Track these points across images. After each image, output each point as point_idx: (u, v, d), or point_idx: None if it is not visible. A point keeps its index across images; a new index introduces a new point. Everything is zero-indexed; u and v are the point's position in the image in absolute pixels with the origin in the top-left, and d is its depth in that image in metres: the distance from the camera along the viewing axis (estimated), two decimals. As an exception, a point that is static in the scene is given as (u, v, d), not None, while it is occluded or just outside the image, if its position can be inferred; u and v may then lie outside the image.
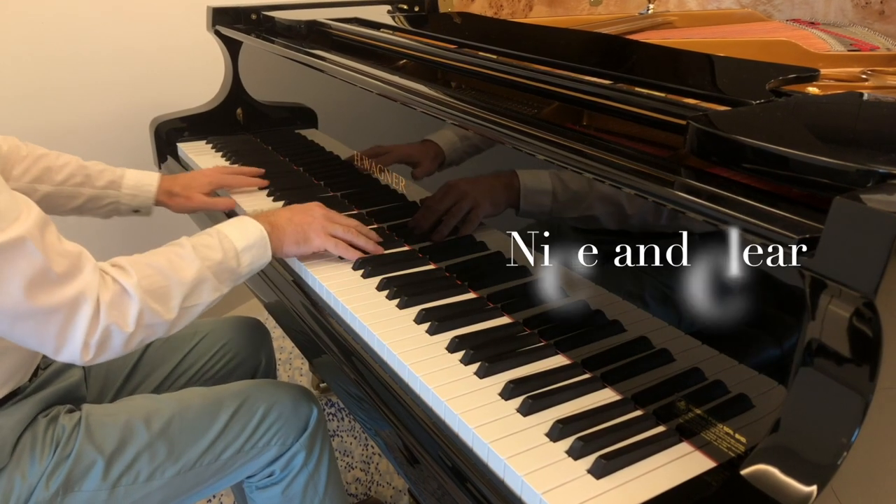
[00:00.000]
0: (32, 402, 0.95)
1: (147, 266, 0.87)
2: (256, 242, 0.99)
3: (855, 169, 0.58)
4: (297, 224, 1.06)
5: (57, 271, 0.77)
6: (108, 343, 0.83)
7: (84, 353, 0.81)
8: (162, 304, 0.87)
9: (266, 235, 1.01)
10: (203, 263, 0.92)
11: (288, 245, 1.05)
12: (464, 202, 1.01)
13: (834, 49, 1.17)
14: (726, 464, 0.69)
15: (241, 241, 0.98)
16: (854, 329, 0.55)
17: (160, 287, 0.87)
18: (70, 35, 1.80)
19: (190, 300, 0.90)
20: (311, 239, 1.06)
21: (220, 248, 0.95)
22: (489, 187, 0.97)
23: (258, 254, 0.99)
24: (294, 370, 2.15)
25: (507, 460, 0.70)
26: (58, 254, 0.78)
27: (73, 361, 0.82)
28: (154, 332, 0.87)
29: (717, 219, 0.65)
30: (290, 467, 1.08)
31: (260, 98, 1.68)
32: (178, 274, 0.89)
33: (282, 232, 1.04)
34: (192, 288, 0.90)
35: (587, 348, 0.85)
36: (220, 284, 0.94)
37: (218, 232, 0.98)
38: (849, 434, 0.56)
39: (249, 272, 0.99)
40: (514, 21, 1.70)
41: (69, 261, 0.79)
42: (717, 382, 0.71)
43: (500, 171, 0.95)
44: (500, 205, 0.96)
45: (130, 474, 0.95)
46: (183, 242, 0.94)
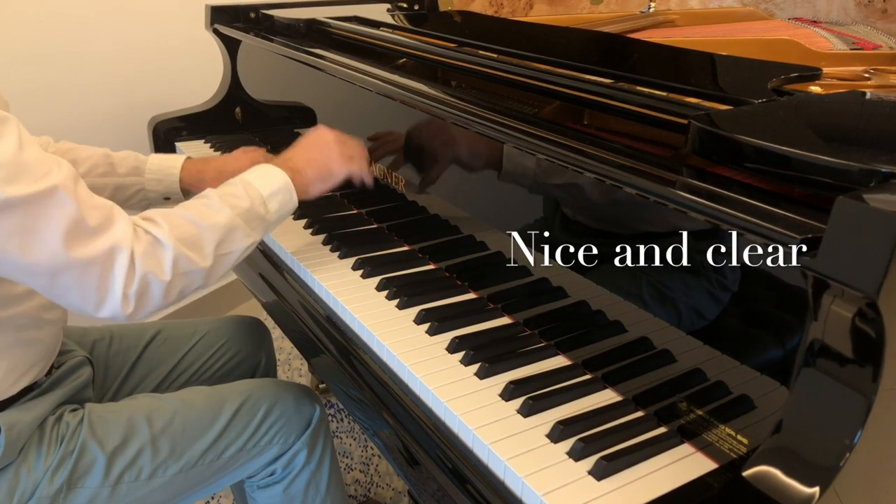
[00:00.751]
0: (48, 400, 0.95)
1: (177, 216, 0.88)
2: (281, 188, 0.99)
3: (857, 168, 0.58)
4: (314, 161, 1.06)
5: (91, 223, 0.78)
6: (147, 294, 0.83)
7: (124, 304, 0.81)
8: (196, 252, 0.88)
9: (290, 181, 1.01)
10: (233, 211, 0.93)
11: (313, 185, 1.05)
12: (443, 136, 1.01)
13: (836, 48, 1.17)
14: (728, 465, 0.69)
15: (267, 188, 0.98)
16: (857, 329, 0.55)
17: (192, 235, 0.88)
18: (67, 33, 1.80)
19: (223, 247, 0.91)
20: (333, 171, 1.06)
21: (246, 195, 0.95)
22: (473, 138, 0.98)
23: (284, 199, 1.00)
24: (293, 371, 2.15)
25: (508, 461, 0.70)
26: (90, 206, 0.79)
27: (115, 316, 0.82)
28: (191, 280, 0.88)
29: (718, 219, 0.65)
30: (292, 466, 1.09)
31: (259, 97, 1.68)
32: (209, 221, 0.90)
33: (303, 175, 1.03)
34: (224, 234, 0.91)
35: (588, 349, 0.85)
36: (251, 231, 0.95)
37: (242, 181, 0.98)
38: (851, 435, 0.56)
39: (278, 219, 1.00)
40: (515, 20, 1.70)
41: (101, 213, 0.80)
42: (718, 383, 0.71)
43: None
44: (479, 156, 0.96)
45: (132, 471, 0.95)
46: (209, 194, 0.95)
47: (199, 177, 1.24)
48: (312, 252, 1.13)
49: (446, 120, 1.01)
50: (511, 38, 1.26)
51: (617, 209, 0.79)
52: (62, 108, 1.84)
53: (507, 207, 0.97)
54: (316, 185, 1.05)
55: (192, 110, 1.74)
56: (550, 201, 0.90)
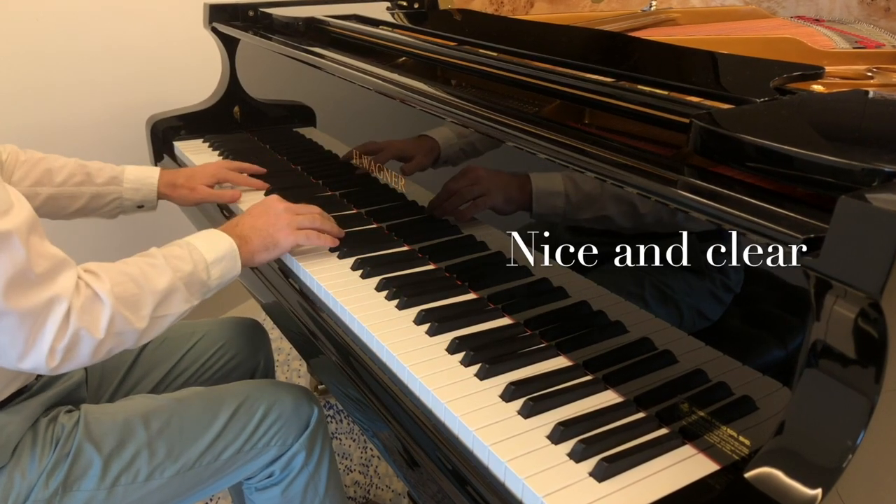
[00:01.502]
0: (37, 402, 0.95)
1: (119, 273, 0.87)
2: (226, 255, 0.99)
3: (860, 168, 0.58)
4: (261, 229, 1.05)
5: (36, 272, 0.77)
6: (76, 349, 0.82)
7: (50, 358, 0.80)
8: (133, 313, 0.86)
9: (235, 248, 1.00)
10: (175, 274, 0.92)
11: (258, 254, 1.04)
12: (478, 185, 1.01)
13: (839, 46, 1.17)
14: (730, 466, 0.69)
15: (211, 254, 0.97)
16: (859, 330, 0.55)
17: (132, 295, 0.86)
18: (65, 32, 1.80)
19: (161, 310, 0.90)
20: (279, 241, 1.05)
21: (190, 259, 0.95)
22: (505, 181, 0.97)
23: (228, 266, 0.99)
24: (292, 372, 2.15)
25: (508, 463, 0.70)
26: (40, 255, 0.78)
27: (37, 369, 0.81)
28: (123, 341, 0.87)
29: (720, 218, 0.65)
30: (290, 468, 1.09)
31: (257, 96, 1.68)
32: (150, 283, 0.89)
33: (249, 243, 1.03)
34: (163, 297, 0.90)
35: (589, 350, 0.85)
36: (190, 296, 0.94)
37: (188, 244, 0.97)
38: (854, 436, 0.56)
39: (219, 285, 0.99)
40: (515, 18, 1.70)
41: (50, 263, 0.79)
42: (720, 384, 0.71)
43: (514, 173, 0.94)
44: (512, 202, 0.95)
45: (129, 474, 0.95)
46: (153, 253, 0.94)
47: (172, 182, 1.30)
48: (311, 252, 1.13)
49: (478, 168, 1.01)
50: (511, 36, 1.27)
51: (637, 216, 0.78)
52: (60, 107, 1.84)
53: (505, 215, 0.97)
54: (261, 254, 1.05)
55: (191, 109, 1.74)
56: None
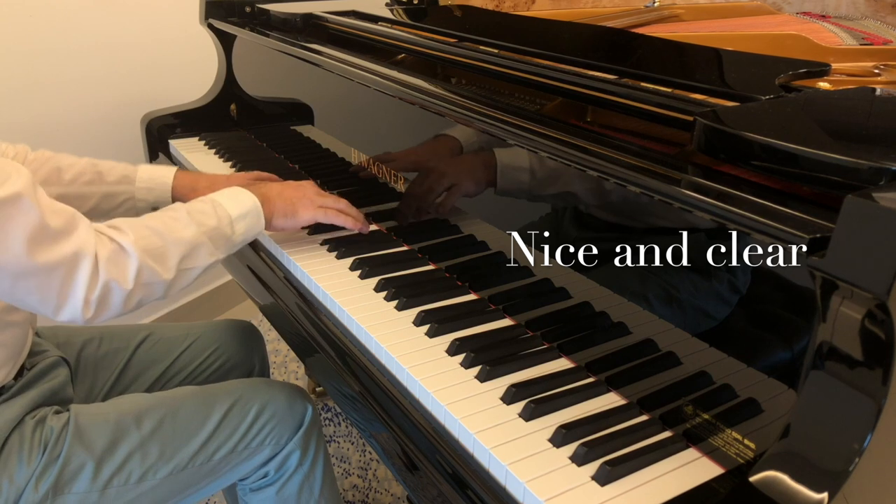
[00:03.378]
0: (18, 403, 0.95)
1: (144, 227, 0.90)
2: (250, 211, 1.02)
3: (867, 166, 0.58)
4: (286, 198, 1.08)
5: (53, 227, 0.79)
6: (107, 300, 0.85)
7: (85, 309, 0.83)
8: (160, 264, 0.89)
9: (259, 205, 1.03)
10: (199, 228, 0.95)
11: (277, 217, 1.07)
12: (444, 179, 1.04)
13: (846, 43, 1.17)
14: (735, 470, 0.69)
15: (235, 210, 1.00)
16: (866, 331, 0.55)
17: (157, 247, 0.89)
18: (59, 28, 1.80)
19: (187, 262, 0.93)
20: (298, 212, 1.08)
21: (214, 214, 0.98)
22: (468, 165, 0.99)
23: (252, 223, 1.02)
24: (289, 373, 2.15)
25: (509, 466, 0.70)
26: (52, 211, 0.80)
27: (74, 320, 0.84)
28: (152, 291, 0.90)
29: (724, 218, 0.66)
30: (285, 468, 1.09)
31: (254, 93, 1.68)
32: (175, 234, 0.92)
33: (272, 204, 1.06)
34: (188, 249, 0.93)
35: (591, 351, 0.85)
36: (215, 250, 0.97)
37: (212, 200, 1.00)
38: (861, 439, 0.56)
39: (243, 241, 1.02)
40: (517, 14, 1.70)
41: (64, 218, 0.81)
42: (725, 386, 0.71)
43: (478, 151, 0.97)
44: (479, 183, 0.98)
45: (122, 475, 0.95)
46: (177, 207, 0.97)
47: (192, 186, 1.26)
48: (309, 252, 1.13)
49: (437, 164, 1.03)
50: (513, 33, 1.27)
51: (615, 207, 0.80)
52: (54, 104, 1.84)
53: (508, 206, 0.97)
54: (279, 219, 1.07)
55: (187, 107, 1.74)
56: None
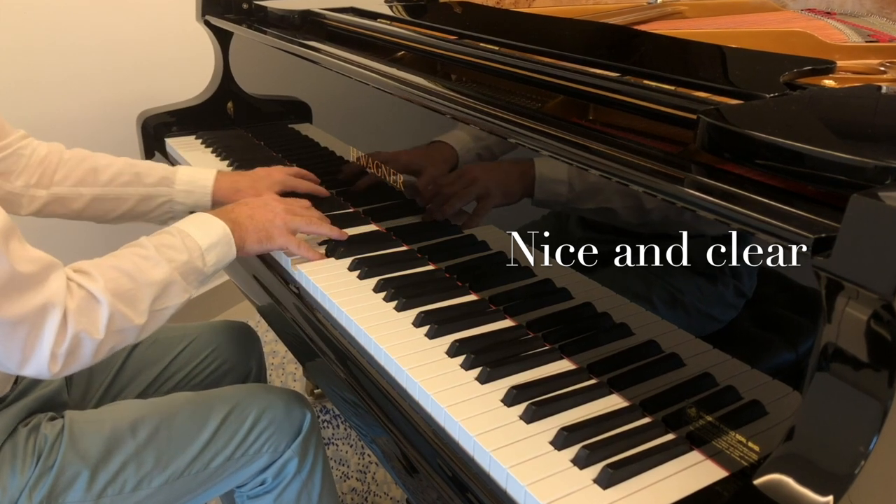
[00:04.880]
0: (13, 411, 0.94)
1: (112, 269, 0.86)
2: (220, 240, 0.98)
3: (873, 165, 0.58)
4: (258, 221, 1.05)
5: (22, 279, 0.75)
6: (77, 352, 0.81)
7: (52, 364, 0.79)
8: (131, 308, 0.86)
9: (229, 232, 1.00)
10: (170, 265, 0.91)
11: (250, 243, 1.03)
12: (475, 187, 1.01)
13: (851, 40, 1.17)
14: (738, 473, 0.69)
15: (205, 240, 0.96)
16: (872, 332, 0.55)
17: (128, 290, 0.86)
18: (53, 25, 1.80)
19: (159, 303, 0.89)
20: (273, 237, 1.05)
21: (184, 247, 0.94)
22: (503, 174, 0.97)
23: (223, 252, 0.98)
24: (287, 375, 2.15)
25: (510, 469, 0.70)
26: (24, 260, 0.76)
27: (40, 375, 0.80)
28: (125, 338, 0.87)
29: (728, 217, 0.65)
30: (283, 475, 1.09)
31: (251, 91, 1.68)
32: (146, 276, 0.88)
33: (244, 229, 1.02)
34: (160, 290, 0.89)
35: (593, 352, 0.85)
36: (188, 286, 0.93)
37: (179, 231, 0.96)
38: (867, 442, 0.56)
39: (214, 271, 0.98)
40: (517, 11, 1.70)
41: (36, 267, 0.78)
42: (728, 388, 0.71)
43: (516, 160, 0.94)
44: (514, 193, 0.95)
45: (116, 484, 0.95)
46: (144, 243, 0.93)
47: (234, 187, 1.23)
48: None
49: (473, 168, 1.00)
50: (513, 30, 1.27)
51: (642, 212, 0.78)
52: (48, 103, 1.84)
53: (509, 206, 0.97)
54: (252, 244, 1.04)
55: (183, 105, 1.74)
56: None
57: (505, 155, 0.97)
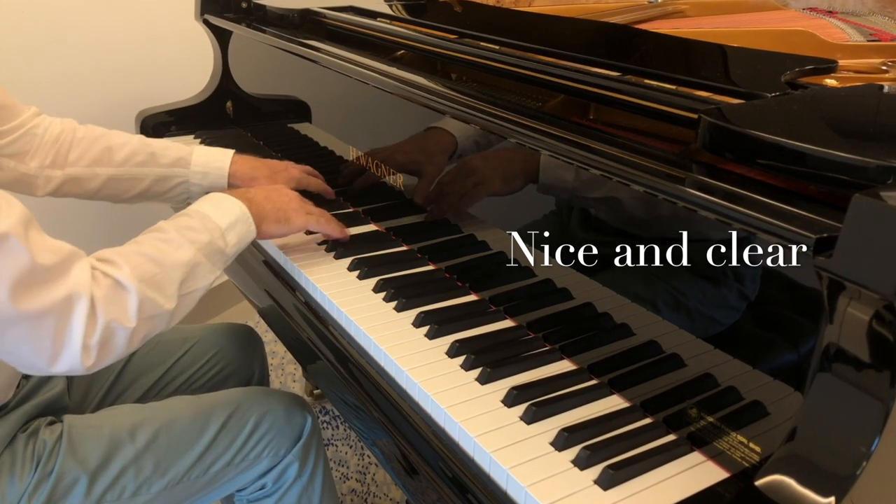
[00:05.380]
0: (13, 418, 0.94)
1: (136, 255, 0.84)
2: (239, 219, 0.97)
3: (875, 165, 0.58)
4: (274, 202, 1.04)
5: (44, 270, 0.74)
6: (111, 343, 0.79)
7: (85, 356, 0.77)
8: (160, 293, 0.84)
9: (247, 211, 0.98)
10: (193, 247, 0.89)
11: (269, 223, 1.02)
12: (477, 177, 1.00)
13: (853, 39, 1.17)
14: (740, 474, 0.69)
15: (224, 220, 0.95)
16: (874, 333, 0.55)
17: (155, 275, 0.84)
18: (51, 24, 1.80)
19: (187, 286, 0.88)
20: (291, 218, 1.04)
21: (204, 228, 0.92)
22: (506, 159, 0.96)
23: (243, 230, 0.97)
24: (287, 376, 2.15)
25: (510, 470, 0.70)
26: (44, 250, 0.75)
27: (74, 370, 0.78)
28: (156, 324, 0.85)
29: (729, 217, 0.66)
30: (283, 479, 1.08)
31: (251, 90, 1.68)
32: (171, 259, 0.86)
33: (261, 209, 1.01)
34: (187, 272, 0.88)
35: (594, 353, 0.85)
36: (213, 267, 0.92)
37: (198, 213, 0.95)
38: (869, 443, 0.56)
39: (236, 251, 0.97)
40: (518, 9, 1.70)
41: (57, 257, 0.76)
42: (730, 389, 0.71)
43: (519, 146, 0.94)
44: (518, 178, 0.94)
45: (115, 490, 0.95)
46: (164, 227, 0.91)
47: (252, 175, 1.21)
48: (307, 252, 1.13)
49: (472, 158, 0.99)
50: (514, 28, 1.27)
51: (655, 220, 0.78)
52: (46, 102, 1.81)
53: (510, 205, 0.97)
54: (270, 224, 1.02)
55: (182, 104, 1.74)
56: (563, 202, 0.90)
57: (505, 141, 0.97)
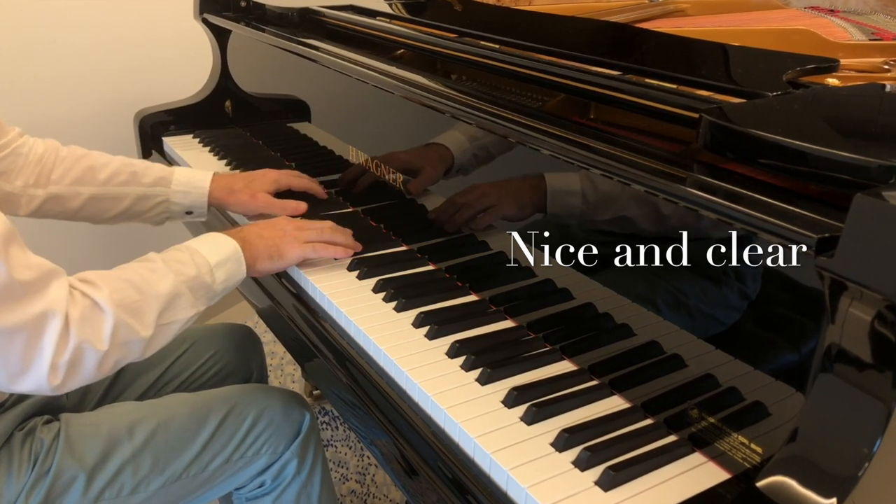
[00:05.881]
0: (10, 416, 0.94)
1: (118, 280, 0.85)
2: (230, 257, 0.97)
3: (877, 164, 0.58)
4: (266, 238, 1.04)
5: (21, 287, 0.74)
6: (79, 364, 0.80)
7: (52, 376, 0.77)
8: (137, 320, 0.84)
9: (239, 250, 0.99)
10: (177, 278, 0.90)
11: (261, 261, 1.02)
12: (483, 200, 1.00)
13: (855, 38, 1.17)
14: (741, 475, 0.69)
15: (214, 256, 0.96)
16: (876, 333, 0.55)
17: (134, 301, 0.84)
18: (49, 23, 1.80)
19: (166, 316, 0.88)
20: (284, 252, 1.04)
21: (192, 263, 0.93)
22: (515, 187, 0.97)
23: (232, 269, 0.98)
24: (286, 376, 2.15)
25: (510, 471, 0.70)
26: (23, 266, 0.75)
27: (39, 390, 0.78)
28: (129, 352, 0.85)
29: (730, 217, 0.65)
30: (282, 476, 1.09)
31: (250, 90, 1.68)
32: (152, 287, 0.87)
33: (254, 248, 1.01)
34: (167, 302, 0.88)
35: (594, 353, 0.85)
36: (196, 301, 0.92)
37: (188, 248, 0.96)
38: (870, 444, 0.56)
39: (224, 289, 0.97)
40: (518, 8, 1.70)
41: (35, 274, 0.76)
42: (731, 389, 0.71)
43: (526, 175, 0.94)
44: (525, 206, 0.95)
45: (113, 488, 0.95)
46: (152, 258, 0.92)
47: (229, 187, 1.23)
48: (306, 252, 1.13)
49: (481, 185, 0.99)
50: (514, 27, 1.27)
51: (660, 219, 0.78)
52: (44, 102, 1.84)
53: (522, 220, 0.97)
54: (264, 262, 1.03)
55: (180, 104, 1.74)
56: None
57: (503, 155, 0.97)
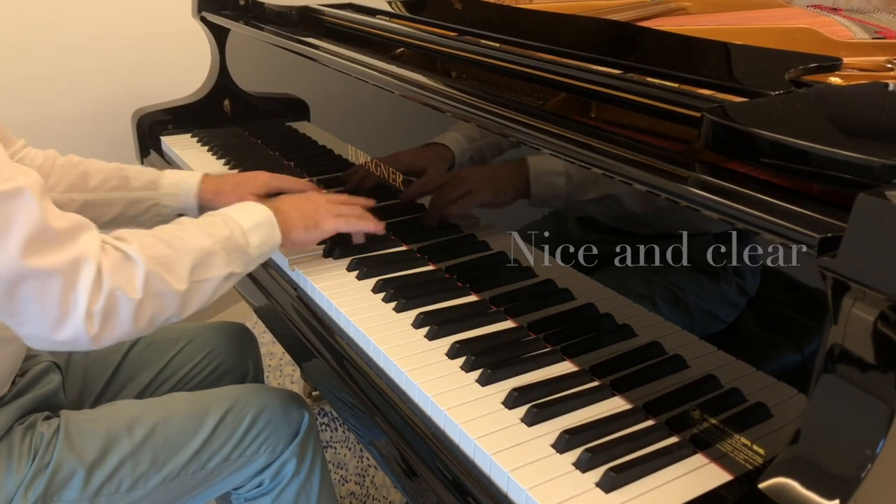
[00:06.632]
0: (9, 410, 0.95)
1: (149, 236, 0.87)
2: (263, 222, 0.98)
3: (880, 164, 0.58)
4: (301, 210, 1.05)
5: (55, 231, 0.75)
6: (114, 314, 0.80)
7: (88, 323, 0.77)
8: (169, 273, 0.84)
9: (272, 216, 1.00)
10: (210, 238, 0.91)
11: (297, 230, 1.03)
12: (464, 189, 1.01)
13: (857, 37, 1.17)
14: (743, 477, 0.69)
15: (247, 221, 0.96)
16: (879, 334, 0.55)
17: (165, 255, 0.85)
18: (47, 21, 1.80)
19: (199, 272, 0.88)
20: (320, 223, 1.05)
21: (225, 225, 0.94)
22: (493, 171, 0.97)
23: (266, 234, 0.98)
24: (285, 377, 2.15)
25: (511, 473, 0.70)
26: (56, 215, 0.77)
27: (79, 339, 0.78)
28: (164, 304, 0.85)
29: (733, 217, 0.65)
30: (281, 476, 1.09)
31: (248, 89, 1.68)
32: (184, 244, 0.88)
33: (288, 217, 1.02)
34: (200, 258, 0.88)
35: (595, 354, 0.85)
36: (230, 260, 0.92)
37: (220, 213, 0.97)
38: (873, 445, 0.56)
39: (260, 254, 0.98)
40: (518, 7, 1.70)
41: (69, 222, 0.78)
42: (733, 390, 0.71)
43: (508, 160, 0.94)
44: (507, 190, 0.95)
45: (112, 484, 0.96)
46: (184, 221, 0.93)
47: (217, 189, 1.24)
48: (305, 252, 1.13)
49: (461, 171, 1.00)
50: (515, 26, 1.26)
51: (654, 215, 0.78)
52: (42, 100, 1.84)
53: (506, 206, 0.97)
54: (299, 232, 1.03)
55: (179, 103, 1.74)
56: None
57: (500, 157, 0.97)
